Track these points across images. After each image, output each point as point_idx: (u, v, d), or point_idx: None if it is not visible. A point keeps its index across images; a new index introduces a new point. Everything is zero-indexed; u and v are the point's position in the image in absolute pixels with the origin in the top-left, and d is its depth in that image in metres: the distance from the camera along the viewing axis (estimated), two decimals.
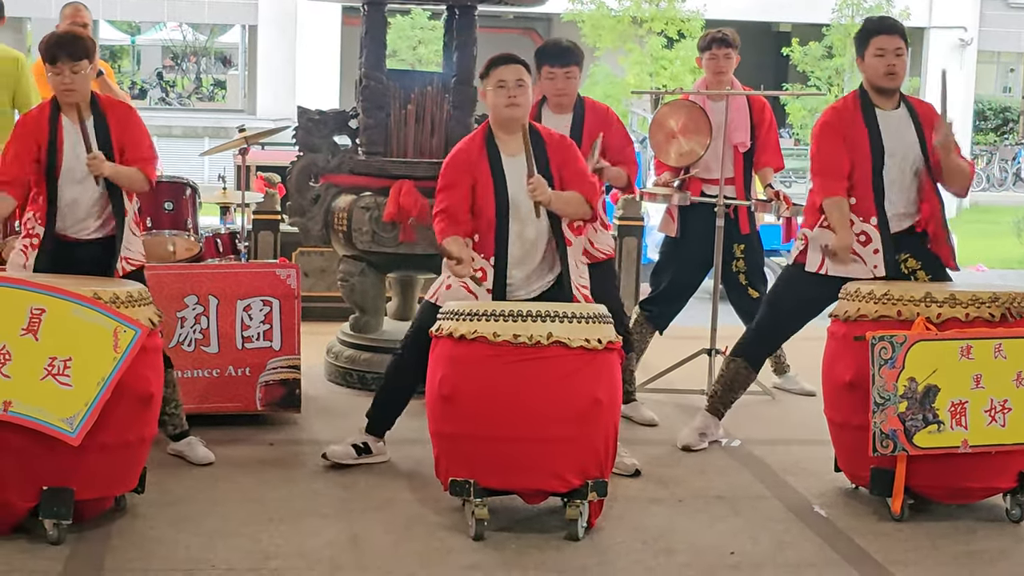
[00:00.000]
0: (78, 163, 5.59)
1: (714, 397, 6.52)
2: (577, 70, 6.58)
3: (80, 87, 5.58)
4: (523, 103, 5.66)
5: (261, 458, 6.12)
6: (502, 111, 5.66)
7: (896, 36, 5.91)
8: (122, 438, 5.02)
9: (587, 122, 6.59)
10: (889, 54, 5.89)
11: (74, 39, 5.62)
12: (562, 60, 6.51)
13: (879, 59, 5.90)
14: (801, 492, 5.89)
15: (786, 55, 26.62)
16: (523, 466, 5.10)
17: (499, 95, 5.64)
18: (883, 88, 5.95)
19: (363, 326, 7.65)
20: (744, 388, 6.47)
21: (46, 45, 5.58)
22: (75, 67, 5.54)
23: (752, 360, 6.41)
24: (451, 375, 5.15)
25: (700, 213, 7.31)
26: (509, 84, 5.62)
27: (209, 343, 6.51)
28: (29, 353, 4.80)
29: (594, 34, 25.59)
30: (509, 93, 5.62)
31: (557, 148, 5.73)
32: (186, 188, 7.42)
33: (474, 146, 5.74)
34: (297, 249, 9.38)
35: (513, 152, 5.67)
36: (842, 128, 5.95)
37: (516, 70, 5.65)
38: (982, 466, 5.43)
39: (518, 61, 5.69)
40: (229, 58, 41.54)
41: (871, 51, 5.92)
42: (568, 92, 6.56)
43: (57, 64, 5.53)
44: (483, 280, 5.59)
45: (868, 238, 5.95)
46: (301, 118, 7.49)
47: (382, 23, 7.44)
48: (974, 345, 5.34)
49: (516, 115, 5.65)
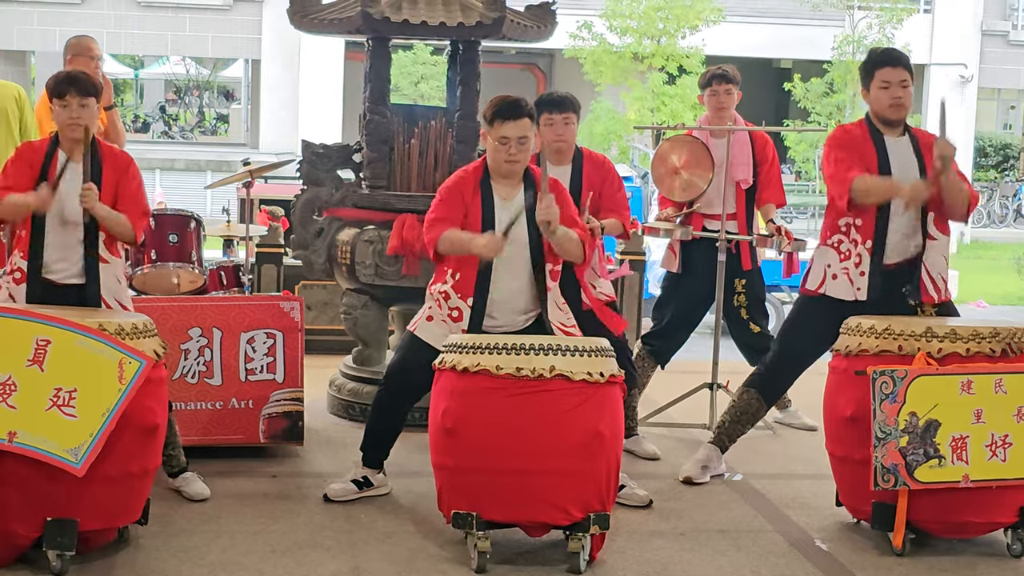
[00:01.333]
0: (67, 200, 5.53)
1: (721, 428, 6.53)
2: (574, 117, 6.60)
3: (86, 123, 5.56)
4: (523, 159, 5.67)
5: (264, 490, 6.13)
6: (501, 165, 5.67)
7: (901, 68, 5.91)
8: (126, 469, 5.03)
9: (586, 172, 6.60)
10: (894, 86, 5.89)
11: (85, 76, 5.66)
12: (560, 107, 6.52)
13: (884, 91, 5.91)
14: (802, 526, 5.90)
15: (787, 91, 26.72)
16: (525, 499, 5.11)
17: (500, 150, 5.63)
18: (889, 120, 5.96)
19: (366, 359, 7.67)
20: (752, 423, 6.48)
21: (55, 81, 5.60)
22: (84, 101, 5.54)
23: (765, 392, 6.41)
24: (454, 408, 5.17)
25: (702, 248, 7.34)
26: (512, 141, 5.61)
27: (213, 375, 6.52)
28: (34, 384, 4.82)
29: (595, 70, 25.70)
30: (510, 151, 5.62)
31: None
32: (191, 221, 7.47)
33: (469, 181, 5.74)
34: (300, 282, 9.40)
35: (506, 196, 5.71)
36: (852, 143, 5.96)
37: (521, 127, 5.61)
38: (983, 501, 5.44)
39: (524, 114, 5.63)
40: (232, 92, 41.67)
41: (876, 83, 5.93)
42: (567, 138, 6.56)
43: (66, 98, 5.54)
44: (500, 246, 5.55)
45: (860, 260, 5.96)
46: (305, 152, 7.53)
47: (386, 58, 7.49)
48: (975, 380, 5.37)
49: (515, 171, 5.69)
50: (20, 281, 5.58)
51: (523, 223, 5.64)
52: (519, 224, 5.62)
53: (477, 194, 5.70)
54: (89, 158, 5.52)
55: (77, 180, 5.51)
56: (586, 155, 6.71)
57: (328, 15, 7.34)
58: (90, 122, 5.59)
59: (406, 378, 5.80)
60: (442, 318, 5.71)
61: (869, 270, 5.94)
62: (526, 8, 7.58)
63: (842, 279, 6.00)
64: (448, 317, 5.69)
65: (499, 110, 5.63)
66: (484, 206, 5.68)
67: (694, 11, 25.04)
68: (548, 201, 5.49)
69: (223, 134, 38.39)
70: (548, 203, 5.49)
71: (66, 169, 5.55)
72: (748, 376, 6.50)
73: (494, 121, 5.62)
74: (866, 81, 5.99)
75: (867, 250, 5.94)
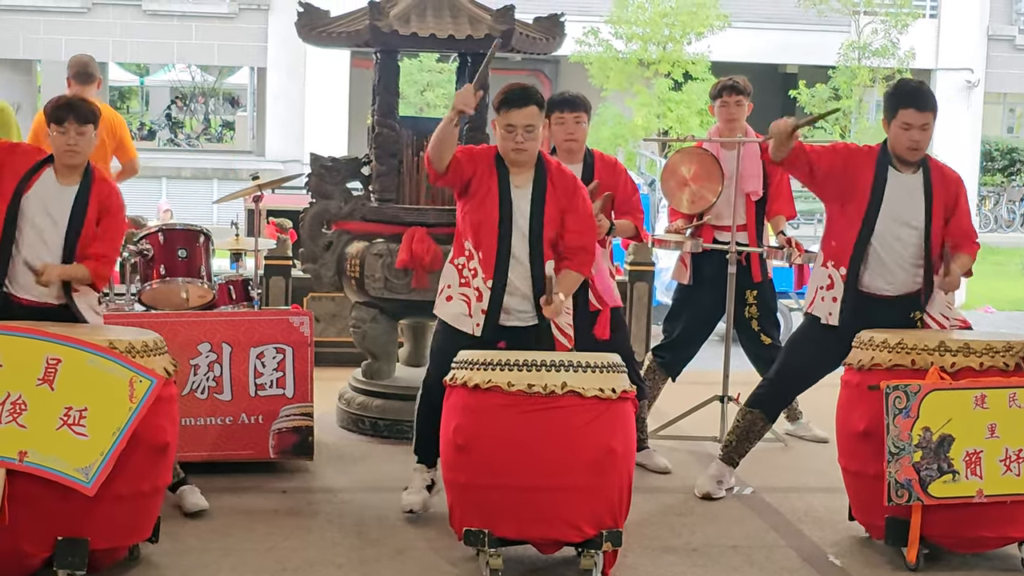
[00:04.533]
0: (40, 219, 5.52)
1: (728, 447, 6.51)
2: (585, 116, 6.62)
3: (83, 150, 5.55)
4: (531, 148, 5.66)
5: (274, 506, 6.11)
6: (509, 154, 5.67)
7: (927, 112, 5.79)
8: (137, 488, 5.02)
9: (597, 172, 6.62)
10: (915, 129, 5.78)
11: (83, 103, 5.65)
12: (572, 106, 6.56)
13: (904, 132, 5.80)
14: (815, 541, 5.88)
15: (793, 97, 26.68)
16: (537, 516, 5.10)
17: (507, 139, 5.63)
18: (904, 159, 5.91)
19: (375, 372, 7.65)
20: (759, 438, 6.46)
21: (54, 106, 5.58)
22: (81, 129, 5.52)
23: (768, 412, 6.39)
24: (465, 424, 5.15)
25: (712, 260, 7.32)
26: (518, 129, 5.61)
27: (222, 391, 6.51)
28: (45, 403, 4.81)
29: (601, 75, 25.68)
30: (517, 138, 5.61)
31: (563, 188, 5.73)
32: (199, 235, 7.46)
33: (488, 156, 5.73)
34: (309, 294, 9.39)
35: (519, 184, 5.70)
36: (851, 162, 5.92)
37: (528, 114, 5.62)
38: (997, 515, 5.42)
39: (532, 101, 5.64)
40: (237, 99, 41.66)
41: (898, 121, 5.81)
42: (578, 137, 6.59)
43: (64, 124, 5.53)
44: None
45: (832, 284, 5.97)
46: (314, 165, 7.52)
47: (394, 70, 7.48)
48: (988, 394, 5.35)
49: (522, 160, 5.67)
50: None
51: (525, 211, 5.65)
52: (520, 211, 5.64)
53: (494, 174, 5.68)
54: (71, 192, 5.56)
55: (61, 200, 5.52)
56: (597, 156, 6.72)
57: (336, 28, 7.33)
58: (87, 149, 5.58)
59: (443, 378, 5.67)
60: (462, 294, 5.70)
61: (842, 296, 5.93)
62: (534, 20, 7.57)
63: (824, 301, 6.02)
64: (472, 292, 5.67)
65: (506, 97, 5.64)
66: (501, 187, 5.67)
67: (700, 17, 25.01)
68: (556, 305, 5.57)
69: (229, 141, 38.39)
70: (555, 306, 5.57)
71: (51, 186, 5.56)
72: (750, 395, 6.46)
73: (501, 109, 5.64)
74: (889, 115, 5.87)
75: (840, 277, 5.94)
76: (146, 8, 27.66)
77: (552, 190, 5.70)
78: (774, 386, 6.37)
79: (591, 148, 6.74)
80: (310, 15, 7.37)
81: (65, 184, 5.56)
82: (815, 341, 6.06)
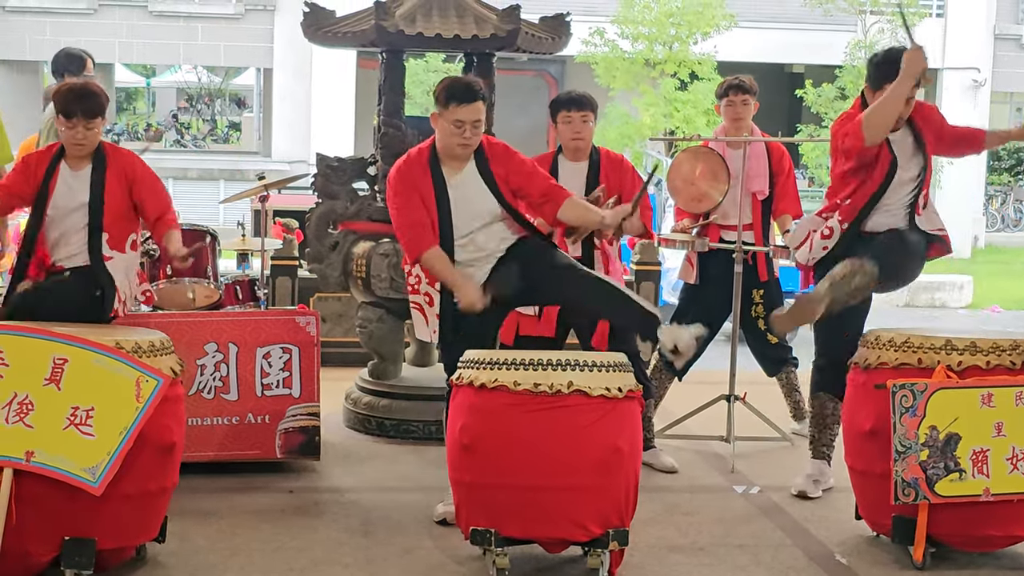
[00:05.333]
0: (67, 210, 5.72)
1: (815, 441, 6.53)
2: (592, 116, 6.63)
3: (91, 143, 5.71)
4: (475, 143, 5.65)
5: (281, 506, 6.12)
6: (454, 148, 5.63)
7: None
8: (144, 487, 5.03)
9: (603, 169, 6.64)
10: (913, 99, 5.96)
11: (92, 95, 5.72)
12: (579, 105, 6.57)
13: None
14: (822, 540, 5.87)
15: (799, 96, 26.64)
16: (544, 515, 5.09)
17: (454, 134, 5.58)
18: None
19: (382, 372, 7.66)
20: (837, 421, 6.38)
21: (64, 98, 5.64)
22: (89, 124, 5.67)
23: (832, 389, 6.33)
24: (471, 424, 5.15)
25: (719, 259, 7.32)
26: (466, 124, 5.57)
27: (229, 391, 6.52)
28: (52, 403, 4.82)
29: (607, 76, 25.63)
30: (465, 134, 5.58)
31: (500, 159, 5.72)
32: (206, 236, 7.46)
33: (416, 165, 5.68)
34: (315, 294, 9.40)
35: (454, 172, 5.67)
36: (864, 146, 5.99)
37: (475, 110, 5.56)
38: (1004, 514, 5.42)
39: (478, 97, 5.58)
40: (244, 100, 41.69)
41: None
42: (584, 136, 6.60)
43: (72, 119, 5.64)
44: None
45: (831, 233, 6.12)
46: (320, 165, 7.52)
47: (400, 70, 7.48)
48: (995, 393, 5.34)
49: (467, 154, 5.66)
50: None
51: (480, 189, 5.65)
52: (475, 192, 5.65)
53: (427, 175, 5.65)
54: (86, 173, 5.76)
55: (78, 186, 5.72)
56: (603, 153, 6.74)
57: (342, 28, 7.34)
58: (95, 141, 5.72)
59: None
60: (418, 304, 5.77)
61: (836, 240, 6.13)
62: (540, 19, 7.57)
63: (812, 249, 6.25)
64: (424, 302, 5.74)
65: (455, 92, 5.58)
66: (436, 186, 5.64)
67: (706, 17, 24.94)
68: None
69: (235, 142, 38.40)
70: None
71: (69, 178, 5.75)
72: (810, 384, 6.47)
73: (449, 103, 5.56)
74: (874, 84, 6.03)
75: (841, 228, 6.11)
76: (152, 9, 27.65)
77: (495, 167, 5.69)
78: (822, 359, 6.36)
79: (597, 146, 6.75)
80: (316, 15, 7.37)
81: (79, 169, 5.76)
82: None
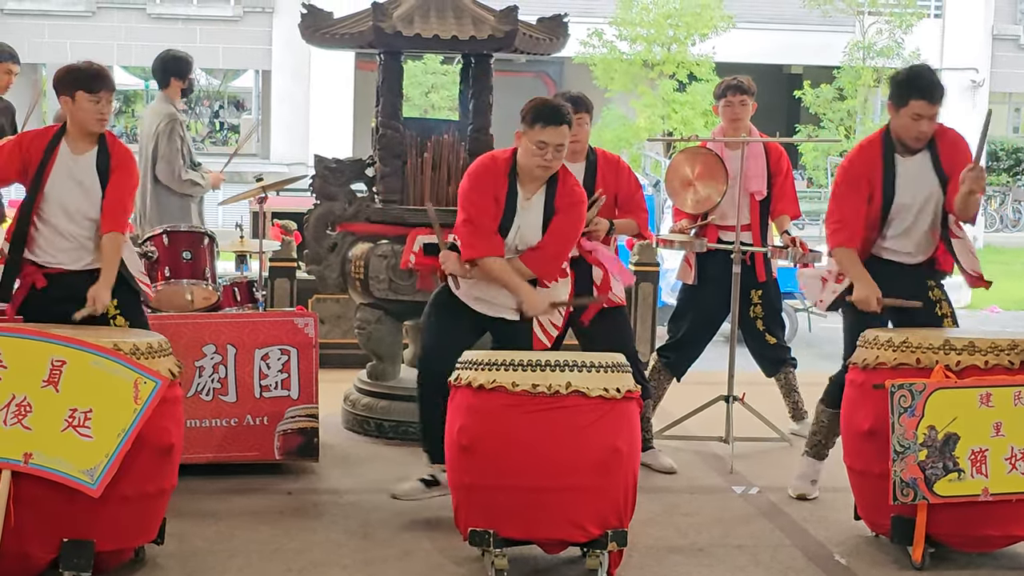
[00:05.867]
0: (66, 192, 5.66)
1: (817, 445, 6.49)
2: (587, 117, 6.64)
3: (108, 118, 5.73)
4: (557, 166, 5.65)
5: (280, 508, 6.11)
6: (533, 169, 5.62)
7: (937, 104, 5.85)
8: (142, 489, 5.02)
9: (600, 170, 6.65)
10: (925, 120, 5.85)
11: (106, 71, 5.77)
12: (574, 107, 6.53)
13: (913, 123, 5.86)
14: (821, 540, 5.87)
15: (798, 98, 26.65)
16: (543, 516, 5.09)
17: (536, 155, 5.56)
18: (909, 146, 5.95)
19: (380, 373, 7.66)
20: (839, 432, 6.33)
21: (88, 75, 5.65)
22: (110, 98, 5.70)
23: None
24: (470, 425, 5.15)
25: (717, 260, 7.32)
26: (549, 148, 5.55)
27: (227, 392, 6.51)
28: (50, 405, 4.81)
29: (605, 77, 25.64)
30: (547, 156, 5.56)
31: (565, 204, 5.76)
32: (204, 237, 7.46)
33: (500, 170, 5.68)
34: (313, 296, 9.40)
35: (527, 196, 5.69)
36: (864, 170, 5.96)
37: (560, 133, 5.54)
38: (1003, 514, 5.41)
39: (565, 121, 5.56)
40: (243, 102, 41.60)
41: (909, 111, 5.85)
42: (580, 138, 6.59)
43: (99, 93, 5.65)
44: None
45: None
46: (318, 166, 7.52)
47: (399, 72, 7.48)
48: (994, 393, 5.34)
49: (546, 176, 5.67)
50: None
51: (535, 222, 5.68)
52: (530, 223, 5.67)
53: (504, 186, 5.65)
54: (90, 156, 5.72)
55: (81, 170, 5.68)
56: (600, 154, 6.74)
57: (340, 30, 7.33)
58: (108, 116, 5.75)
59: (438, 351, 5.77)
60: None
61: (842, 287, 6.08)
62: (538, 20, 7.57)
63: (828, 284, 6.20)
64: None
65: (541, 113, 5.55)
66: (508, 202, 5.65)
67: (704, 18, 24.97)
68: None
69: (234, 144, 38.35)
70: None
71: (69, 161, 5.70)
72: (823, 396, 6.42)
73: (535, 124, 5.54)
74: (898, 103, 5.90)
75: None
76: (151, 12, 27.69)
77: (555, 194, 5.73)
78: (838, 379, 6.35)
79: (594, 147, 6.75)
80: (314, 17, 7.37)
81: (81, 152, 5.71)
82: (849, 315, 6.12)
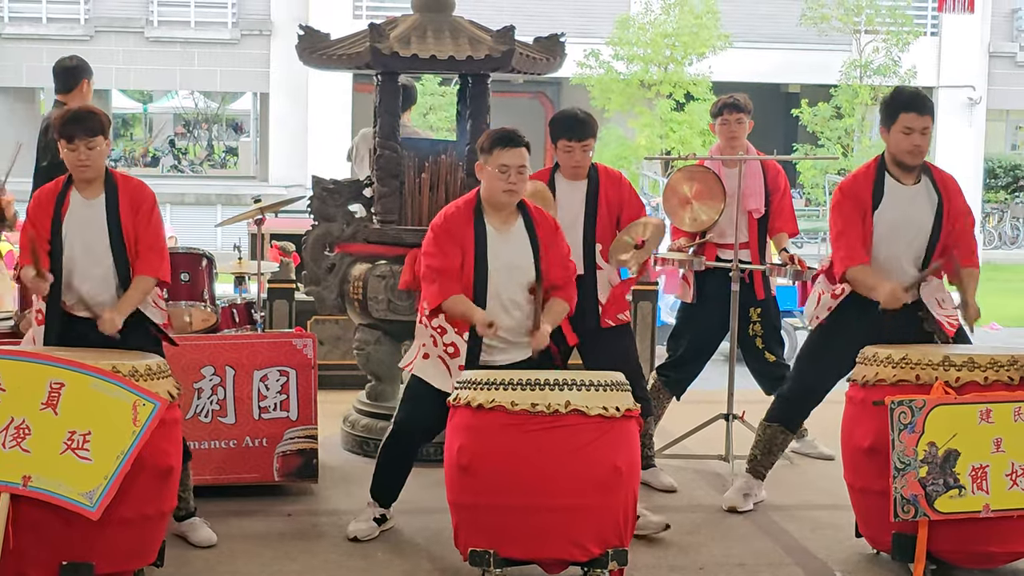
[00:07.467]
0: (87, 234, 5.58)
1: (754, 461, 6.54)
2: (593, 142, 6.61)
3: (95, 163, 5.56)
4: (521, 189, 5.70)
5: (280, 530, 6.10)
6: (499, 195, 5.67)
7: (927, 116, 5.86)
8: (141, 512, 5.01)
9: (602, 187, 6.62)
10: (916, 133, 5.85)
11: (89, 115, 5.61)
12: (579, 134, 6.51)
13: (905, 137, 5.87)
14: (822, 558, 5.85)
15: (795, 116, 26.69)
16: (543, 535, 5.08)
17: (499, 179, 5.63)
18: (905, 164, 5.95)
19: (379, 394, 7.65)
20: (783, 450, 6.53)
21: (62, 121, 5.58)
22: (91, 143, 5.52)
23: (787, 423, 6.44)
24: (469, 445, 5.14)
25: (715, 278, 7.32)
26: (511, 170, 5.62)
27: (226, 414, 6.50)
28: (49, 427, 4.81)
29: (603, 97, 25.69)
30: (510, 179, 5.62)
31: (547, 232, 5.77)
32: (202, 259, 7.46)
33: (461, 215, 5.73)
34: (312, 317, 9.39)
35: (499, 227, 5.71)
36: (855, 203, 5.96)
37: (520, 155, 5.63)
38: (1004, 530, 5.40)
39: (522, 144, 5.66)
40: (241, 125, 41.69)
41: (898, 126, 5.87)
42: (584, 164, 6.58)
43: (74, 141, 5.53)
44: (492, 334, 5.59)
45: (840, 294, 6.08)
46: (316, 187, 7.52)
47: (396, 92, 7.48)
48: (994, 409, 5.33)
49: (512, 201, 5.70)
50: (40, 323, 5.59)
51: (523, 251, 5.68)
52: (516, 253, 5.66)
53: (470, 226, 5.69)
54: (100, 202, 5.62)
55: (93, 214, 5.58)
56: (602, 170, 6.72)
57: (337, 51, 7.34)
58: (100, 161, 5.60)
59: (416, 426, 5.81)
60: (439, 355, 5.70)
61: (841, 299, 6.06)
62: (535, 40, 7.58)
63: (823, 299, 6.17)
64: (445, 353, 5.68)
65: (499, 138, 5.66)
66: (477, 239, 5.67)
67: (701, 38, 25.03)
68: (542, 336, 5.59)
69: (232, 167, 38.40)
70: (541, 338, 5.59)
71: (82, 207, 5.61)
72: (768, 411, 6.48)
73: (493, 149, 5.64)
74: (888, 122, 5.92)
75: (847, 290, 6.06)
76: (148, 35, 27.73)
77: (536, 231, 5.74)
78: (788, 398, 6.46)
79: (595, 163, 6.73)
80: (311, 38, 7.38)
81: (90, 197, 5.63)
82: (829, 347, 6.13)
